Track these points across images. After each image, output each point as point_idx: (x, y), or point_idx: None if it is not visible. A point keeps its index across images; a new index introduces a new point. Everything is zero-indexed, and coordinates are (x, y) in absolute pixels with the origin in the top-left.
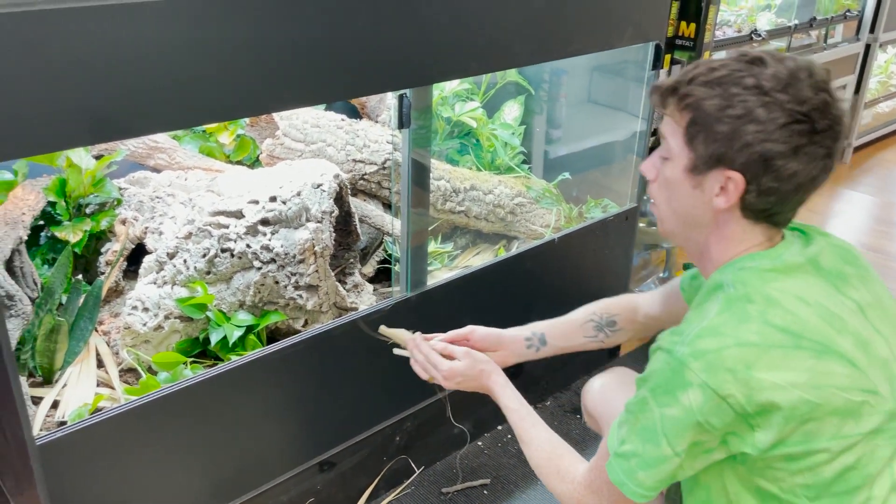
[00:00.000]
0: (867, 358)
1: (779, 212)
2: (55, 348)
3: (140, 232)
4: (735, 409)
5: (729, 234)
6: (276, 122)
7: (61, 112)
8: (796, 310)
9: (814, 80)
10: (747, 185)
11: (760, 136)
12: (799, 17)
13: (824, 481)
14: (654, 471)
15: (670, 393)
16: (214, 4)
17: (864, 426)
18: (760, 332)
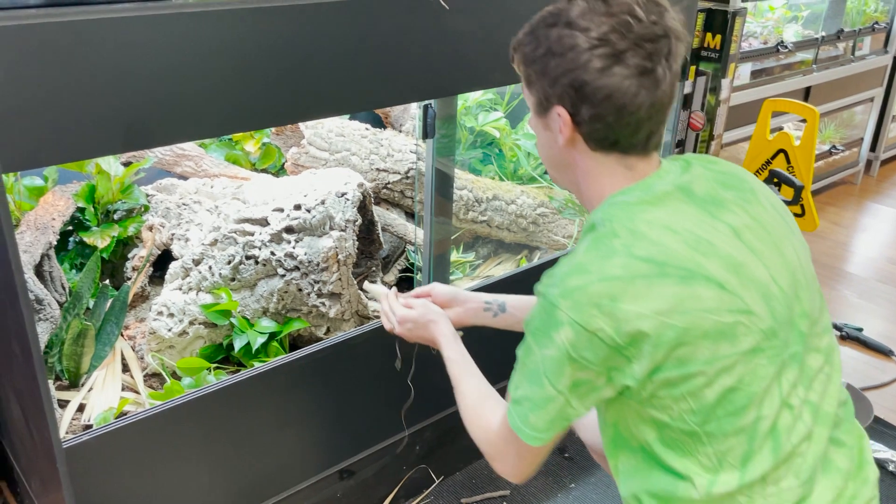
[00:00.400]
0: (739, 279)
1: (619, 137)
2: (82, 352)
3: (166, 238)
4: (606, 343)
5: (587, 169)
6: (301, 130)
7: (96, 120)
8: (661, 239)
9: (613, 4)
10: (573, 117)
11: (564, 67)
12: (826, 28)
13: (708, 405)
14: (542, 412)
15: (546, 334)
16: (243, 17)
17: (740, 346)
18: (624, 265)
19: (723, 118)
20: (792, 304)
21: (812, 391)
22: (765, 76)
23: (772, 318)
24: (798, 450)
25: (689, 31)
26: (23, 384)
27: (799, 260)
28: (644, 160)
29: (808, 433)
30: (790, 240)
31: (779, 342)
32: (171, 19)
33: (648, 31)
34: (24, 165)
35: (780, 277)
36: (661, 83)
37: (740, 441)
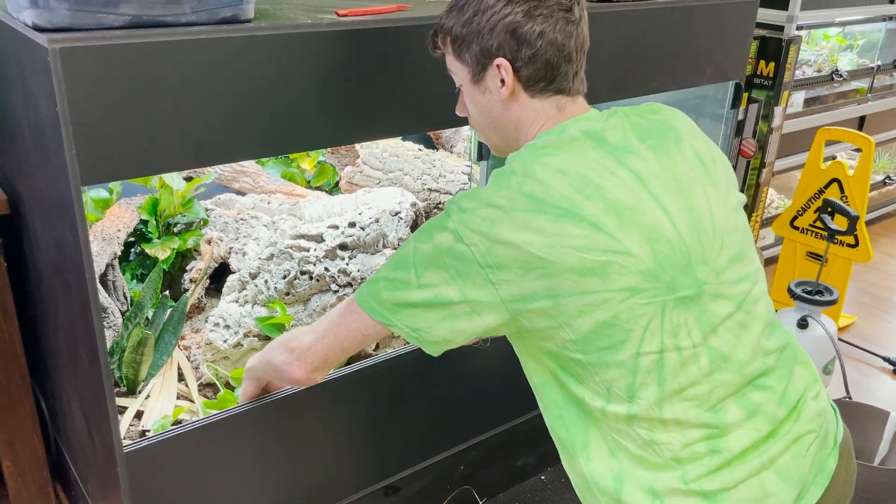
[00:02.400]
0: (620, 222)
1: (556, 74)
2: (141, 360)
3: (224, 252)
4: (476, 259)
5: (526, 118)
6: (356, 150)
7: (170, 137)
8: (547, 179)
9: None
10: (513, 64)
11: (496, 17)
12: (882, 58)
13: (585, 335)
14: (395, 292)
15: (429, 233)
16: (309, 41)
17: (612, 284)
18: (508, 197)
19: (775, 146)
20: (691, 249)
21: (716, 336)
22: (818, 104)
23: (654, 261)
24: (691, 391)
25: (744, 57)
26: (87, 389)
27: (710, 209)
28: (572, 102)
29: (704, 376)
30: (705, 189)
31: (661, 284)
32: (243, 41)
33: None
34: (101, 179)
35: (680, 223)
36: (579, 22)
37: (622, 374)
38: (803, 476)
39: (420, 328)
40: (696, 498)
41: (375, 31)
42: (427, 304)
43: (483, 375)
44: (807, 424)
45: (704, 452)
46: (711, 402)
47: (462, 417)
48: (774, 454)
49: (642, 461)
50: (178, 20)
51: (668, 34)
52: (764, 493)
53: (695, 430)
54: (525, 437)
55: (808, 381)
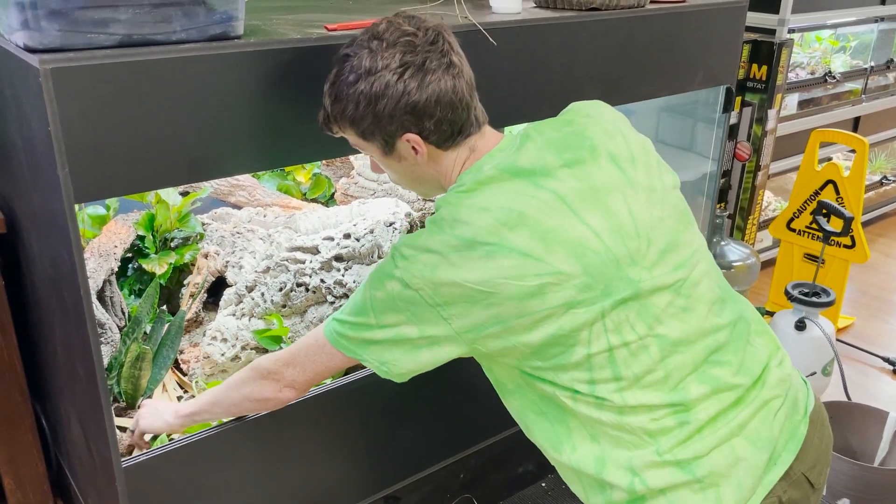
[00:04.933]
0: (546, 245)
1: (461, 125)
2: (139, 375)
3: (221, 265)
4: (426, 300)
5: (445, 168)
6: (350, 162)
7: (162, 153)
8: (473, 219)
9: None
10: (421, 134)
11: (392, 102)
12: (875, 59)
13: (538, 347)
14: (358, 333)
15: (380, 280)
16: (298, 55)
17: (550, 302)
18: (442, 242)
19: (769, 148)
20: (618, 255)
21: (661, 325)
22: (812, 106)
23: (585, 273)
24: (648, 378)
25: (734, 61)
26: (85, 405)
27: (630, 212)
28: (481, 138)
29: (656, 362)
30: (623, 192)
31: (596, 293)
32: (233, 58)
33: (426, 38)
34: (95, 196)
35: (603, 233)
36: (462, 66)
37: (580, 372)
38: (772, 440)
39: (387, 361)
40: (671, 468)
41: None
42: (390, 341)
43: (482, 383)
44: (772, 390)
45: (674, 425)
46: (671, 384)
47: (461, 426)
48: (743, 420)
49: (619, 441)
50: (168, 38)
51: (657, 40)
52: (735, 458)
53: (661, 410)
54: (525, 444)
55: (770, 349)
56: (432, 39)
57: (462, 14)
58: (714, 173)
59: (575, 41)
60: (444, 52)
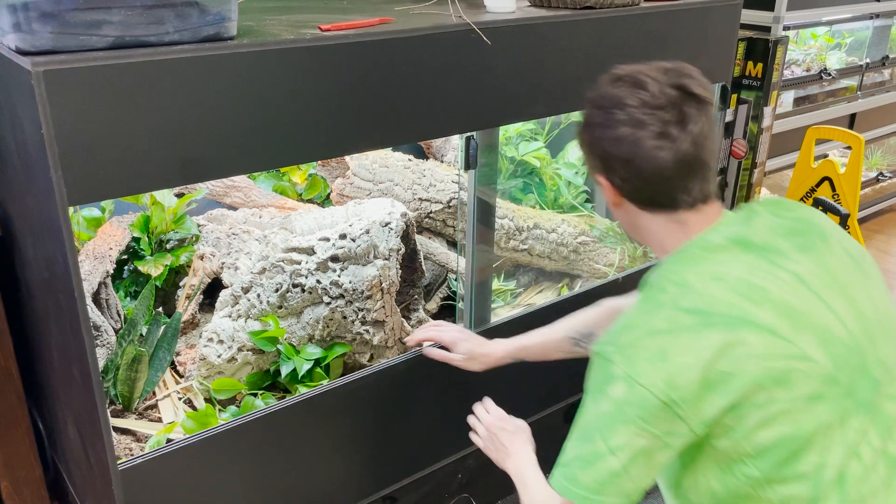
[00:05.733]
0: (793, 325)
1: (654, 195)
2: (136, 377)
3: (216, 267)
4: (658, 398)
5: (645, 226)
6: (346, 162)
7: (156, 155)
8: (707, 289)
9: (623, 78)
10: (610, 182)
11: (591, 139)
12: (871, 55)
13: (765, 447)
14: (591, 469)
15: (601, 390)
16: (293, 56)
17: (795, 392)
18: (669, 318)
19: (765, 146)
20: (864, 350)
21: (891, 440)
22: (808, 103)
23: (833, 364)
24: (871, 502)
25: (730, 59)
26: (81, 408)
27: (875, 306)
28: (696, 214)
29: (882, 485)
30: (865, 285)
31: (841, 389)
32: (226, 59)
33: (656, 100)
34: (89, 199)
35: (849, 323)
36: (678, 142)
37: (804, 488)
38: None
39: (630, 492)
40: None
41: (359, 45)
42: (627, 467)
43: (479, 383)
44: None
45: None
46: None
47: (459, 425)
48: None
49: None
50: (160, 40)
51: (652, 38)
52: None
53: None
54: None
55: None
56: (662, 104)
57: (456, 13)
58: None
59: (570, 40)
60: (666, 121)
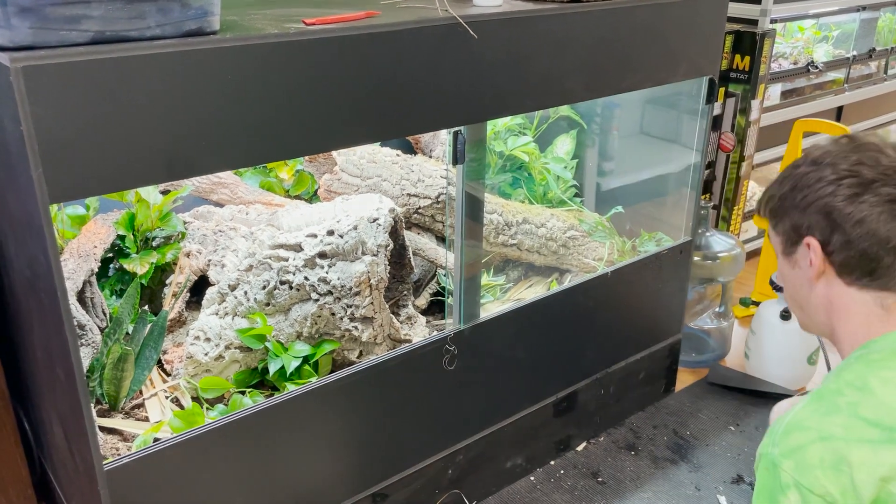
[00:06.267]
0: None
1: (875, 267)
2: (122, 376)
3: (203, 264)
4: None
5: (840, 306)
6: (333, 157)
7: (139, 152)
8: (893, 401)
9: (860, 144)
10: (824, 246)
11: (812, 196)
12: (858, 48)
13: None
14: None
15: (773, 497)
16: (277, 50)
17: None
18: (846, 426)
19: (753, 139)
20: None
21: None
22: (795, 96)
23: None
24: None
25: (717, 52)
26: (65, 408)
27: None
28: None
29: None
30: None
31: None
32: (209, 54)
33: (891, 162)
34: (70, 196)
35: None
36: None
37: None
38: None
39: None
40: None
41: (344, 39)
42: None
43: (468, 379)
44: None
45: None
46: None
47: (449, 421)
48: None
49: None
50: (142, 35)
51: (639, 32)
52: None
53: None
54: (513, 438)
55: None
56: (889, 168)
57: (442, 7)
58: (698, 164)
59: (558, 34)
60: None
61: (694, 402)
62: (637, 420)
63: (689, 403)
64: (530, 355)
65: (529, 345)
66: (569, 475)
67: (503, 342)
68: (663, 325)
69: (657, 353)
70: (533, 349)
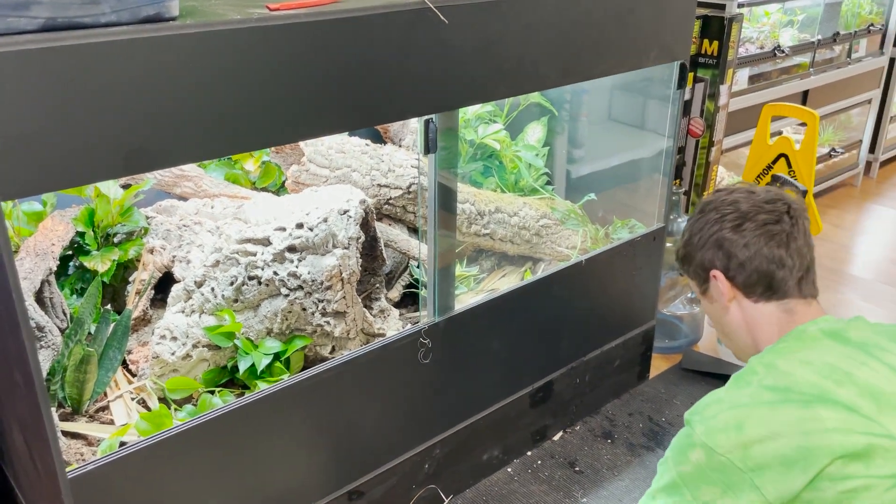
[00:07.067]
0: (878, 406)
1: (771, 282)
2: (85, 378)
3: (167, 261)
4: (736, 465)
5: (754, 321)
6: (301, 148)
7: (96, 145)
8: (791, 370)
9: (731, 189)
10: (726, 273)
11: (705, 236)
12: (822, 32)
13: None
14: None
15: (682, 453)
16: (241, 37)
17: (875, 470)
18: (752, 395)
19: (722, 124)
20: None
21: None
22: (762, 81)
23: None
24: None
25: (688, 37)
26: (25, 413)
27: None
28: (803, 304)
29: None
30: None
31: None
32: (168, 41)
33: (766, 197)
34: (23, 193)
35: None
36: (791, 232)
37: None
38: None
39: None
40: None
41: (310, 25)
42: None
43: (443, 372)
44: None
45: None
46: None
47: (424, 415)
48: None
49: None
50: (96, 21)
51: (611, 16)
52: None
53: None
54: (489, 430)
55: None
56: (771, 199)
57: None
58: (670, 150)
59: (529, 18)
60: (775, 211)
61: (668, 388)
62: (612, 408)
63: (663, 390)
64: (506, 346)
65: (505, 336)
66: (546, 465)
67: (478, 334)
68: (637, 311)
69: (631, 341)
70: (508, 340)
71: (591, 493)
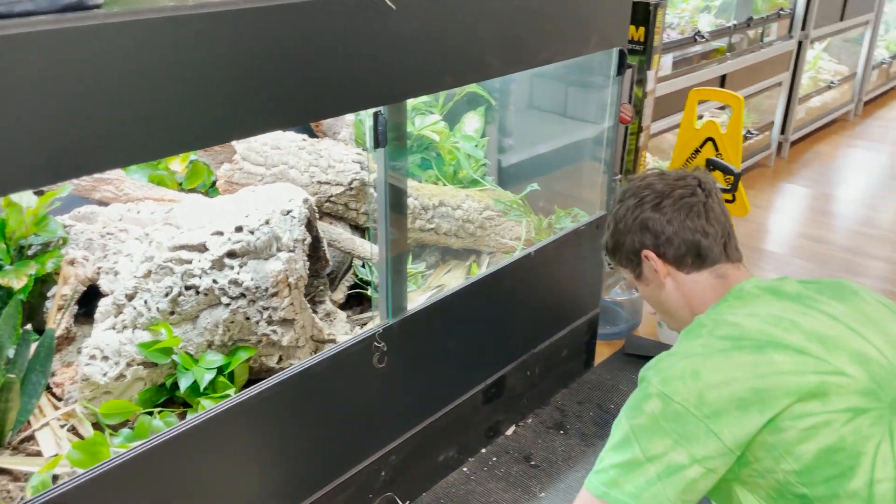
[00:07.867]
0: (825, 347)
1: (699, 251)
2: (6, 408)
3: (91, 273)
4: (692, 412)
5: (691, 292)
6: (232, 146)
7: (10, 150)
8: (740, 321)
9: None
10: (656, 251)
11: (629, 222)
12: (737, 17)
13: (809, 464)
14: (631, 475)
15: (637, 407)
16: (168, 26)
17: (833, 405)
18: (704, 344)
19: (650, 109)
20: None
21: None
22: (685, 66)
23: (871, 380)
24: None
25: (625, 23)
26: None
27: None
28: (733, 268)
29: None
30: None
31: (883, 404)
32: (92, 31)
33: (677, 175)
34: None
35: (886, 351)
36: (706, 202)
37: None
38: None
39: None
40: None
41: (248, 13)
42: (664, 476)
43: (398, 375)
44: None
45: None
46: None
47: (380, 422)
48: None
49: None
50: (10, 10)
51: (553, 4)
52: None
53: None
54: (444, 430)
55: None
56: (681, 176)
57: None
58: (611, 139)
59: (475, 5)
60: (687, 186)
61: (613, 374)
62: (562, 398)
63: (609, 377)
64: (460, 344)
65: (459, 333)
66: (501, 462)
67: (433, 334)
68: (583, 300)
69: (578, 329)
70: (463, 337)
71: (549, 487)
